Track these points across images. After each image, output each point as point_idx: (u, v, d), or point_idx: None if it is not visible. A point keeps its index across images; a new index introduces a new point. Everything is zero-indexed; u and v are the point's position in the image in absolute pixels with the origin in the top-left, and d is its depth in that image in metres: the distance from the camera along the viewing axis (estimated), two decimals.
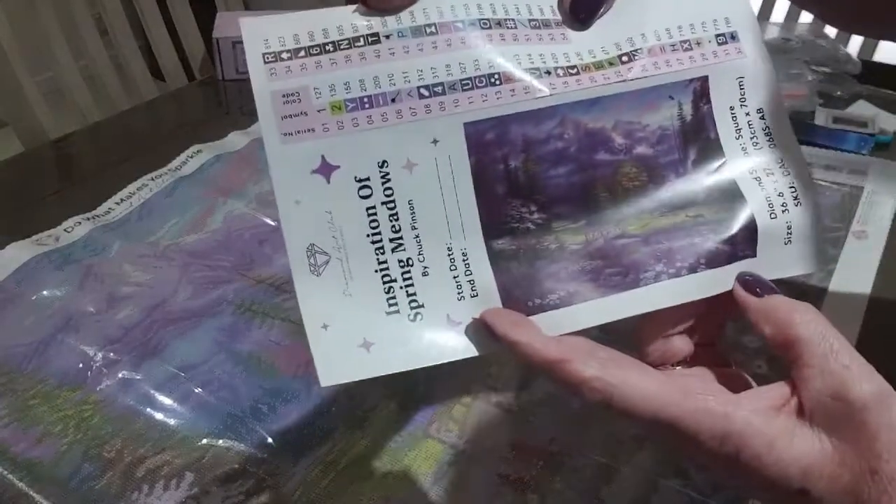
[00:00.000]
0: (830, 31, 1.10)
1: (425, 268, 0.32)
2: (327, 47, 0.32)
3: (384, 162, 0.32)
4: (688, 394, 0.29)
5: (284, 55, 0.31)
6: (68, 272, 0.61)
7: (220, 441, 0.49)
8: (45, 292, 0.59)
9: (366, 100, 0.32)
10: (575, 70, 0.34)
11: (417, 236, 0.32)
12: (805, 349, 0.29)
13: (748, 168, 0.35)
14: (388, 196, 0.32)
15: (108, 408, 0.51)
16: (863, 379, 0.28)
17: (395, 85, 0.32)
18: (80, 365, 0.54)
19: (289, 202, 0.31)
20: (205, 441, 0.49)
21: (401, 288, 0.32)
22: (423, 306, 0.32)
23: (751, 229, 0.34)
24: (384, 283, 0.31)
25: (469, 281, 0.32)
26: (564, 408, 0.52)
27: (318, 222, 0.31)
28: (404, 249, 0.32)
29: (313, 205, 0.31)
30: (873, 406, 0.27)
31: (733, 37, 0.36)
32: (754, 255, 0.34)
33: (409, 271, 0.32)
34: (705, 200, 0.34)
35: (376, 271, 0.31)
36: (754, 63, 0.36)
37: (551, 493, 0.46)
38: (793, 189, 0.35)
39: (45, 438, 0.48)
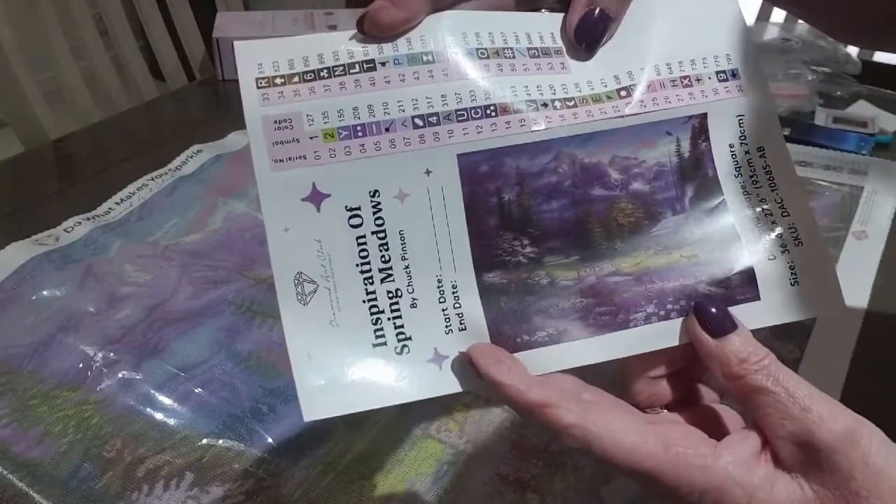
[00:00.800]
0: None
1: (414, 299, 0.32)
2: (322, 73, 0.31)
3: (376, 191, 0.31)
4: (668, 446, 0.29)
5: (278, 80, 0.31)
6: (68, 272, 0.61)
7: (221, 441, 0.49)
8: (44, 292, 0.59)
9: (359, 128, 0.31)
10: (572, 103, 0.33)
11: (407, 267, 0.32)
12: (762, 398, 0.29)
13: (746, 207, 0.35)
14: (378, 226, 0.31)
15: (108, 408, 0.51)
16: (824, 421, 0.28)
17: (389, 114, 0.32)
18: (80, 365, 0.54)
19: (278, 229, 0.31)
20: (205, 441, 0.49)
21: (388, 319, 0.31)
22: (410, 339, 0.31)
23: (748, 272, 0.33)
24: (371, 314, 0.31)
25: (458, 314, 0.32)
26: None
27: (306, 250, 0.31)
28: (393, 280, 0.31)
29: (302, 233, 0.31)
30: (841, 447, 0.27)
31: (734, 74, 0.35)
32: (758, 298, 0.33)
33: (397, 302, 0.31)
34: (701, 239, 0.34)
35: (364, 301, 0.31)
36: (755, 101, 0.35)
37: (551, 493, 0.46)
38: (793, 229, 0.34)
39: (45, 438, 0.48)
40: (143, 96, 1.04)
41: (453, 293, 0.32)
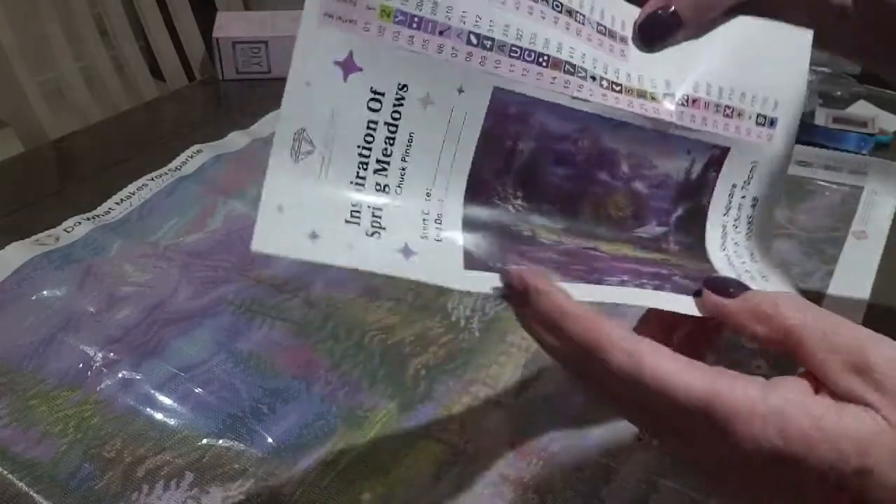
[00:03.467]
0: None
1: (399, 200, 0.31)
2: None
3: (405, 86, 0.30)
4: (721, 372, 0.26)
5: None
6: (68, 272, 0.61)
7: (221, 441, 0.49)
8: (45, 292, 0.59)
9: (416, 20, 0.30)
10: (619, 88, 0.34)
11: (404, 169, 0.31)
12: (806, 335, 0.27)
13: (722, 244, 0.36)
14: (394, 119, 0.31)
15: (108, 408, 0.51)
16: (874, 344, 0.27)
17: (449, 19, 0.30)
18: (80, 365, 0.54)
19: (300, 81, 0.30)
20: (205, 441, 0.49)
21: (368, 207, 0.30)
22: (384, 229, 0.30)
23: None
24: (354, 196, 0.30)
25: (437, 228, 0.31)
26: (564, 408, 0.52)
27: (318, 112, 0.30)
28: (386, 175, 0.31)
29: (321, 94, 0.30)
30: None
31: (772, 123, 0.36)
32: None
33: (382, 197, 0.31)
34: (676, 255, 0.35)
35: (351, 182, 0.30)
36: (775, 155, 0.36)
37: (551, 493, 0.46)
38: (763, 275, 0.35)
39: (45, 438, 0.48)
40: (143, 96, 1.04)
41: (438, 209, 0.31)
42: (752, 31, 0.36)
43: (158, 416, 0.50)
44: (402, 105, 0.31)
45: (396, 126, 0.31)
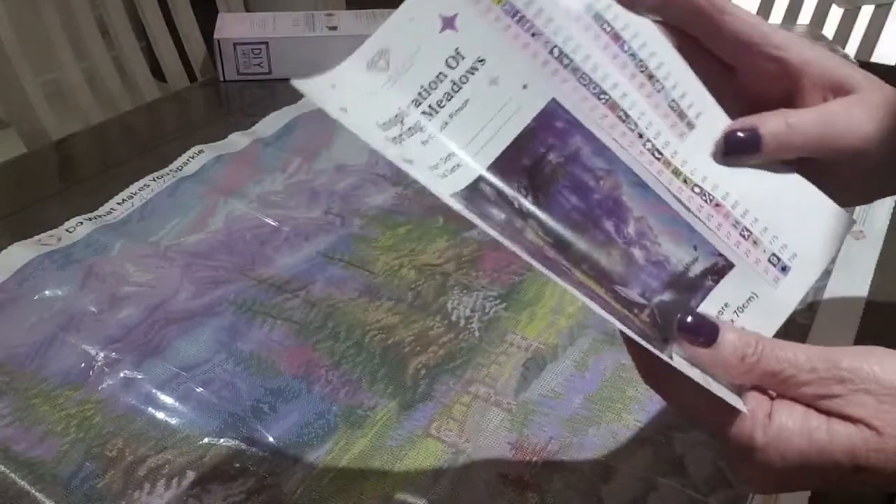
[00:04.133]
0: (829, 32, 1.11)
1: (430, 141, 0.33)
2: None
3: (483, 61, 0.34)
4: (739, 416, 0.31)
5: None
6: (70, 272, 0.62)
7: (222, 440, 0.49)
8: (46, 292, 0.60)
9: (519, 15, 0.34)
10: (659, 157, 0.35)
11: (446, 124, 0.33)
12: (774, 380, 0.30)
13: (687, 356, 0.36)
14: (461, 82, 0.33)
15: (109, 407, 0.51)
16: (832, 373, 0.30)
17: (545, 27, 0.34)
18: (82, 364, 0.54)
19: (407, 15, 0.33)
20: (206, 440, 0.49)
21: (402, 125, 0.33)
22: (402, 143, 0.33)
23: None
24: (397, 114, 0.33)
25: (448, 170, 0.33)
26: (564, 408, 0.52)
27: (406, 44, 0.33)
28: (430, 120, 0.33)
29: (417, 33, 0.33)
30: (860, 383, 0.29)
31: (784, 269, 0.36)
32: None
33: (417, 134, 0.33)
34: (644, 323, 0.34)
35: (400, 108, 0.33)
36: (779, 301, 0.35)
37: (551, 493, 0.46)
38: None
39: (47, 438, 0.49)
40: (144, 97, 1.05)
41: (457, 162, 0.33)
42: (804, 187, 0.37)
43: (160, 415, 0.51)
44: (472, 74, 0.34)
45: (460, 88, 0.34)
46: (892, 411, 0.28)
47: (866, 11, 1.17)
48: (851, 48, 1.15)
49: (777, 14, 1.23)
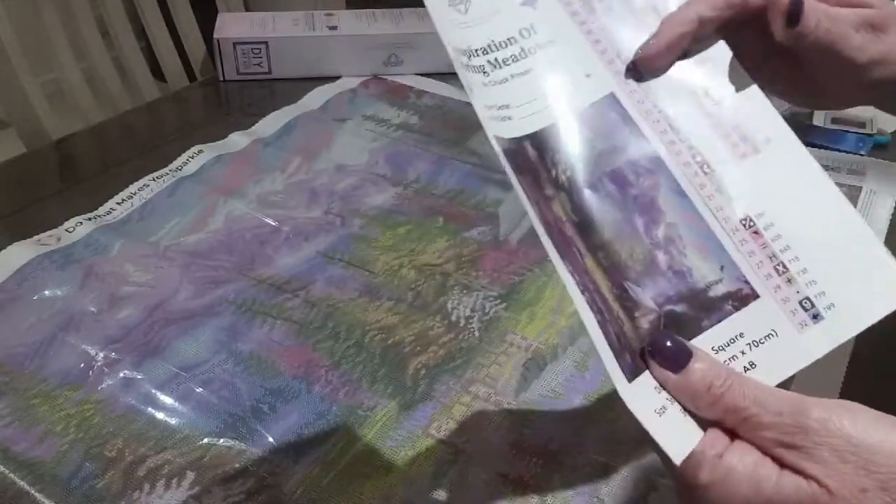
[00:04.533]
0: None
1: (489, 88, 0.36)
2: None
3: (553, 42, 0.37)
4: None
5: None
6: (70, 272, 0.62)
7: (221, 440, 0.49)
8: (46, 292, 0.60)
9: (591, 13, 0.37)
10: (707, 171, 0.34)
11: (506, 80, 0.36)
12: (737, 416, 0.29)
13: None
14: (529, 52, 0.37)
15: (109, 407, 0.51)
16: (796, 419, 0.28)
17: (614, 32, 0.37)
18: (82, 364, 0.54)
19: None
20: (206, 440, 0.49)
21: (467, 68, 0.37)
22: (471, 90, 0.37)
23: None
24: (465, 53, 0.37)
25: (502, 126, 0.36)
26: (564, 408, 0.52)
27: (489, 2, 0.37)
28: (493, 70, 0.36)
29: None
30: (820, 438, 0.28)
31: (816, 317, 0.32)
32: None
33: (479, 76, 0.36)
34: (639, 329, 0.33)
35: (465, 50, 0.37)
36: (801, 349, 0.32)
37: (551, 493, 0.46)
38: None
39: (47, 438, 0.49)
40: (144, 97, 1.05)
41: (506, 117, 0.36)
42: (866, 238, 0.34)
43: (159, 415, 0.50)
44: (541, 49, 0.36)
45: (526, 57, 0.36)
46: (851, 473, 0.27)
47: None
48: None
49: None
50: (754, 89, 0.36)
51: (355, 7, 1.07)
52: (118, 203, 0.71)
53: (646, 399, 0.31)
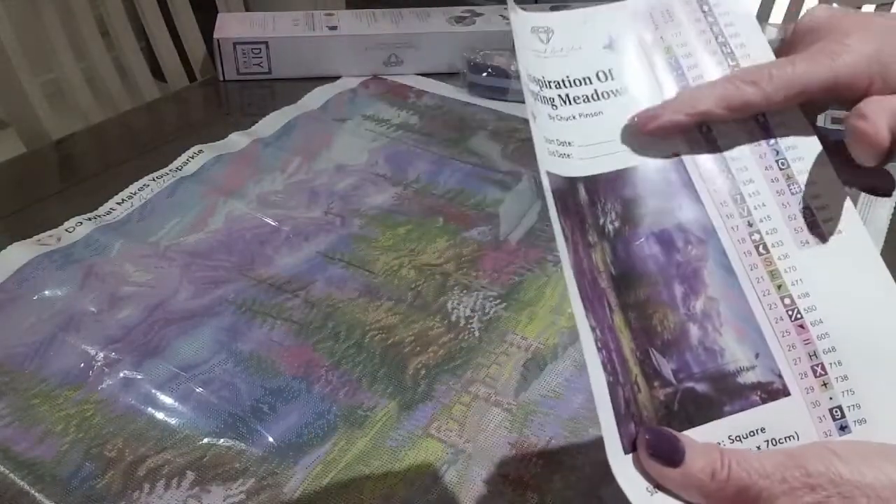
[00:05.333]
0: None
1: (555, 122, 0.36)
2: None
3: (629, 90, 0.36)
4: None
5: None
6: (70, 272, 0.62)
7: (221, 440, 0.49)
8: (46, 292, 0.60)
9: (679, 73, 0.36)
10: (763, 254, 0.33)
11: (574, 118, 0.36)
12: (747, 495, 0.28)
13: None
14: (602, 95, 0.36)
15: (109, 407, 0.51)
16: (802, 482, 0.28)
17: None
18: (82, 364, 0.54)
19: (581, 19, 0.38)
20: (206, 440, 0.49)
21: (537, 96, 0.36)
22: (534, 118, 0.36)
23: None
24: (537, 82, 0.36)
25: (558, 162, 0.35)
26: (564, 408, 0.52)
27: (572, 36, 0.37)
28: (562, 105, 0.36)
29: (584, 33, 0.37)
30: (830, 488, 0.28)
31: (843, 428, 0.31)
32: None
33: (547, 107, 0.36)
34: (654, 401, 0.32)
35: (538, 80, 0.36)
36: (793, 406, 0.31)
37: (551, 493, 0.46)
38: None
39: (47, 438, 0.49)
40: (144, 97, 1.05)
41: (566, 154, 0.35)
42: None
43: (159, 415, 0.50)
44: (615, 96, 0.36)
45: (598, 99, 0.36)
46: None
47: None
48: None
49: (777, 14, 1.23)
50: (832, 176, 0.34)
51: (355, 7, 1.07)
52: (118, 203, 0.71)
53: (639, 477, 0.29)
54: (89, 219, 0.68)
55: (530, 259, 0.65)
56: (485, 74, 0.92)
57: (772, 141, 0.35)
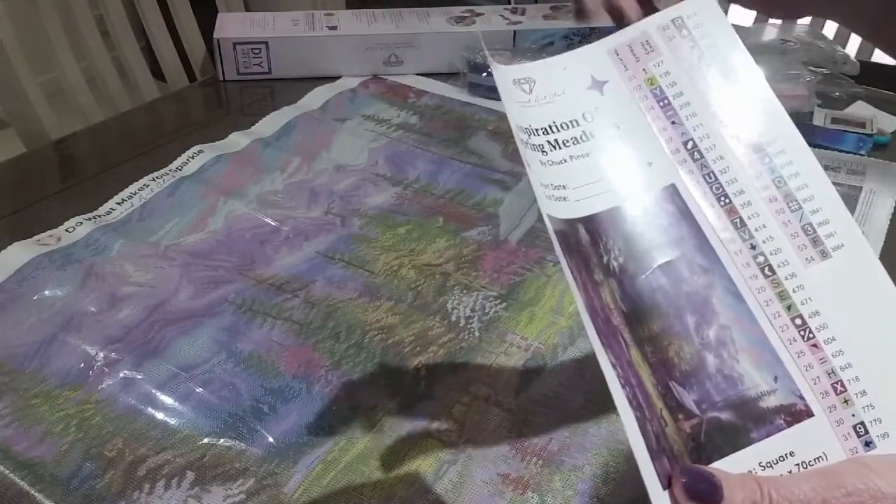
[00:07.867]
0: (829, 32, 1.10)
1: (547, 168, 0.36)
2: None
3: (618, 127, 0.36)
4: None
5: None
6: (70, 272, 0.62)
7: (221, 440, 0.49)
8: (46, 292, 0.60)
9: (666, 103, 0.36)
10: (769, 276, 0.33)
11: (566, 161, 0.36)
12: None
13: None
14: (591, 135, 0.36)
15: (109, 407, 0.51)
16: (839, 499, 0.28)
17: (688, 121, 0.36)
18: (82, 364, 0.54)
19: (562, 64, 0.37)
20: (206, 440, 0.49)
21: (527, 145, 0.36)
22: (529, 166, 0.36)
23: None
24: (526, 131, 0.36)
25: (556, 206, 0.35)
26: (564, 408, 0.52)
27: (554, 83, 0.37)
28: (552, 150, 0.36)
29: (566, 78, 0.37)
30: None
31: (867, 444, 0.31)
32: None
33: (538, 154, 0.36)
34: (681, 435, 0.32)
35: (526, 129, 0.37)
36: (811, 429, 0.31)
37: (551, 493, 0.46)
38: None
39: (47, 438, 0.49)
40: (144, 97, 1.05)
41: (562, 198, 0.35)
42: None
43: (159, 415, 0.51)
44: (599, 135, 0.36)
45: (588, 140, 0.36)
46: None
47: None
48: (852, 48, 1.15)
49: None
50: (830, 189, 0.34)
51: (355, 7, 1.07)
52: (118, 203, 0.71)
53: None
54: (89, 219, 0.68)
55: (530, 259, 0.66)
56: (485, 74, 0.92)
57: (766, 160, 0.34)
